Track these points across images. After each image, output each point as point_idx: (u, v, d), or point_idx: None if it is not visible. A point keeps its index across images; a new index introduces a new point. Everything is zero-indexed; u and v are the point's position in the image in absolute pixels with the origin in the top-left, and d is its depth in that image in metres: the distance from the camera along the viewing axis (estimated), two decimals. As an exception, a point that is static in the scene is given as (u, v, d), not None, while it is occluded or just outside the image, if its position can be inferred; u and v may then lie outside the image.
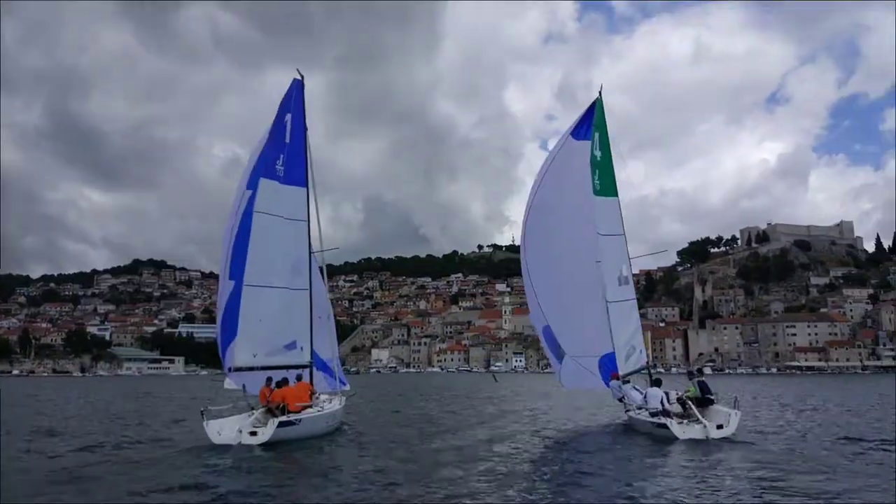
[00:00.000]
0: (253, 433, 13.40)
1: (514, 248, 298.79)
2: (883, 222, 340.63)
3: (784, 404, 30.06)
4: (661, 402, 16.26)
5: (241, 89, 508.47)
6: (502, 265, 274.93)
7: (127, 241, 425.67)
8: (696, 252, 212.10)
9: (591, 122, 19.21)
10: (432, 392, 46.47)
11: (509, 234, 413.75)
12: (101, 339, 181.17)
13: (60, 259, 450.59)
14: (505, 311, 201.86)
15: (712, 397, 16.51)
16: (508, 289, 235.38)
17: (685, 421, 15.52)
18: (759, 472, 10.76)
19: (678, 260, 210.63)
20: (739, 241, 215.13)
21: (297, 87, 17.72)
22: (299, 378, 15.88)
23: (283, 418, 13.87)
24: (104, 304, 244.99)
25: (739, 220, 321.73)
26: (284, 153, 16.69)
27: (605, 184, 19.11)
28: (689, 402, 16.19)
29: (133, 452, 13.36)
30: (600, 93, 19.59)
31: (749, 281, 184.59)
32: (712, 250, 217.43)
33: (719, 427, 14.82)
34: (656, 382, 17.57)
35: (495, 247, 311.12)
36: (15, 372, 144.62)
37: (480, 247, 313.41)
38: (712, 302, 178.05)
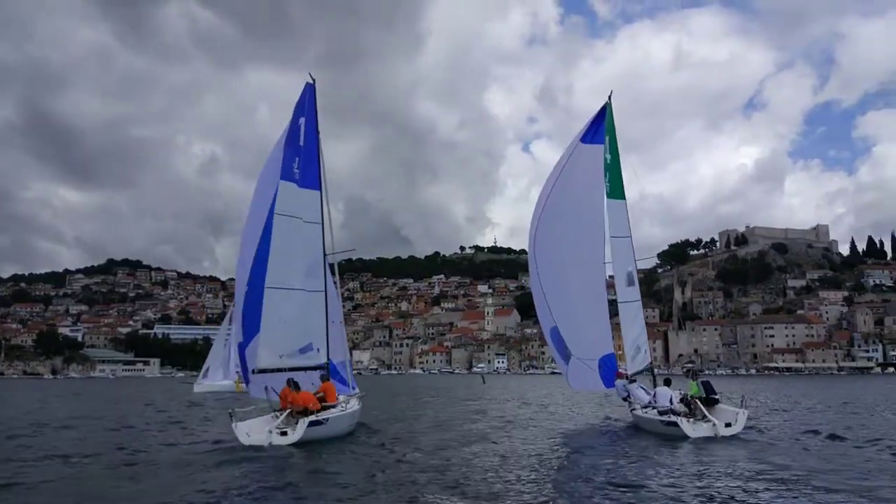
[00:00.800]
0: (283, 433, 13.51)
1: (495, 250, 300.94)
2: (856, 226, 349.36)
3: (779, 401, 30.55)
4: (670, 401, 16.65)
5: (220, 88, 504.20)
6: (484, 266, 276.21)
7: (101, 241, 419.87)
8: (676, 254, 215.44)
9: (599, 127, 19.56)
10: (428, 393, 46.26)
11: (491, 236, 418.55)
12: (74, 340, 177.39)
13: (31, 258, 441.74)
14: (487, 313, 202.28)
15: (717, 397, 16.88)
16: (490, 290, 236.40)
17: (692, 419, 15.86)
18: (785, 469, 10.99)
19: (658, 262, 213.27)
20: (718, 244, 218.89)
21: (310, 91, 17.83)
22: (323, 378, 15.96)
23: (313, 418, 14.03)
24: (77, 305, 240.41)
25: (717, 224, 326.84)
26: (300, 156, 16.82)
27: (614, 186, 19.59)
28: (697, 401, 16.55)
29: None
30: (609, 97, 19.93)
31: (728, 283, 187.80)
32: (692, 252, 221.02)
33: (728, 425, 15.21)
34: (666, 382, 17.93)
35: (477, 248, 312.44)
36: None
37: (462, 248, 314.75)
38: (692, 304, 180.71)
